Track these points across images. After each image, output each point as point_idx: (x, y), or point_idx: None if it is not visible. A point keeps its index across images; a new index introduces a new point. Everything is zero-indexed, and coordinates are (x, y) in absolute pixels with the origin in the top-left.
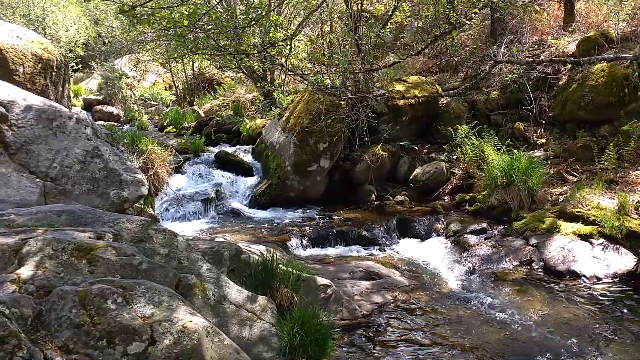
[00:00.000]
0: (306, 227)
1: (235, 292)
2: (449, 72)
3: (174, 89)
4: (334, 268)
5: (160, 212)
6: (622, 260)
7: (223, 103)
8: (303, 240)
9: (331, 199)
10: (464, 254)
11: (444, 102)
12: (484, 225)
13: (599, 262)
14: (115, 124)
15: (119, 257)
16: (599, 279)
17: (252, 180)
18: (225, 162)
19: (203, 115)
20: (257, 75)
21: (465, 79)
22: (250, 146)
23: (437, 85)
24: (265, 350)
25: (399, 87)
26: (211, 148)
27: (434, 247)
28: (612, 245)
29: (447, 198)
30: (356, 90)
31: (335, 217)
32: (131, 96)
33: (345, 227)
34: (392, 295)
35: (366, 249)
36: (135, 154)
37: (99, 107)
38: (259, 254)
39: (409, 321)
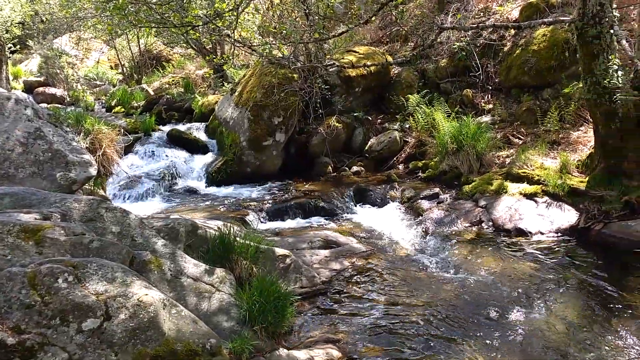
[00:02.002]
0: (264, 202)
1: (192, 266)
2: (399, 42)
3: (120, 68)
4: (292, 239)
5: (114, 193)
6: (565, 216)
7: (173, 80)
8: (261, 215)
9: (288, 173)
10: (418, 219)
11: (395, 72)
12: (437, 190)
13: (543, 219)
14: (59, 106)
15: (68, 236)
16: (543, 234)
17: (207, 158)
18: (178, 141)
19: (152, 93)
20: (207, 50)
21: (415, 48)
22: (204, 123)
23: (387, 55)
24: (225, 319)
25: (350, 57)
26: (162, 127)
27: (389, 213)
28: (555, 202)
29: (401, 166)
30: (307, 62)
31: (293, 190)
32: (73, 75)
33: (303, 199)
34: (350, 262)
35: (324, 220)
36: (81, 134)
37: (41, 89)
38: (216, 229)
39: (367, 284)
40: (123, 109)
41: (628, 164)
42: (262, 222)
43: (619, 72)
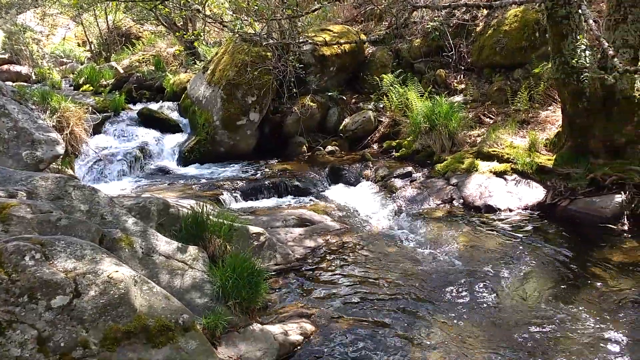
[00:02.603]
0: (238, 181)
1: (165, 244)
2: (373, 21)
3: (88, 45)
4: (267, 218)
5: (83, 173)
6: (533, 193)
7: (143, 58)
8: (235, 194)
9: (263, 153)
10: (392, 197)
11: (370, 51)
12: (410, 169)
13: (512, 196)
14: (25, 84)
15: (35, 214)
16: (512, 211)
17: (179, 137)
18: (150, 120)
19: (122, 71)
20: (178, 26)
21: (389, 27)
22: (175, 102)
23: (362, 35)
24: (198, 296)
25: (325, 36)
26: (133, 106)
27: (363, 192)
28: (524, 180)
29: (375, 146)
30: (281, 39)
31: (268, 170)
32: (39, 52)
33: (277, 178)
34: (324, 239)
35: (299, 199)
36: (47, 112)
37: (5, 66)
38: (189, 207)
39: (340, 261)
40: (91, 88)
41: (594, 142)
42: (236, 201)
43: (587, 52)
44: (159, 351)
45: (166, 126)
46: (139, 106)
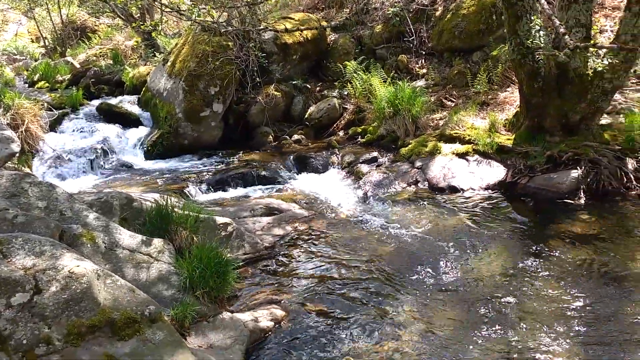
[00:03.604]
0: (204, 173)
1: (128, 238)
2: (334, 8)
3: (42, 41)
4: (234, 208)
5: (43, 171)
6: (494, 172)
7: (100, 52)
8: (201, 186)
9: (228, 144)
10: (358, 182)
11: (332, 38)
12: (375, 154)
13: (474, 176)
14: None
15: None
16: (474, 190)
17: (141, 132)
18: (110, 115)
19: (78, 66)
20: (134, 18)
21: (351, 14)
22: (136, 96)
23: (323, 22)
24: (165, 288)
25: (286, 24)
26: (91, 101)
27: (331, 179)
28: (485, 160)
29: (341, 133)
30: (242, 29)
31: (234, 161)
32: None
33: (244, 169)
34: (292, 227)
35: (267, 188)
36: (1, 110)
37: None
38: (153, 201)
39: (309, 247)
40: (47, 84)
41: (550, 121)
42: (202, 193)
43: (541, 32)
44: (125, 344)
45: (127, 121)
46: (97, 101)
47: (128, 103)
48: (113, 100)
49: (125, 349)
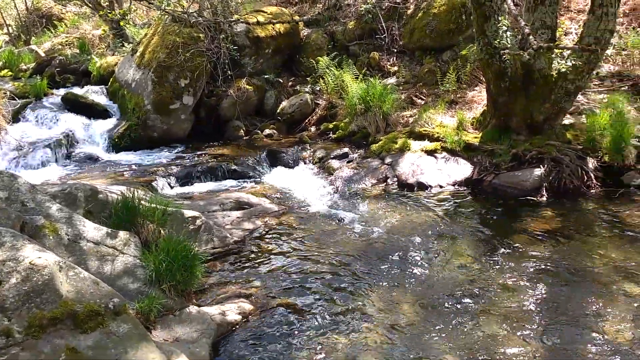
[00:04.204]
0: (173, 167)
1: (93, 230)
2: (308, 3)
3: (5, 28)
4: (203, 202)
5: (4, 162)
6: (461, 169)
7: (67, 41)
8: (170, 179)
9: (199, 137)
10: (329, 178)
11: (305, 33)
12: (346, 150)
13: (442, 173)
14: None
15: None
16: (442, 187)
17: (108, 123)
18: (75, 105)
19: (43, 55)
20: (102, 6)
21: (324, 9)
22: (103, 86)
23: (296, 16)
24: (131, 281)
25: (259, 18)
26: (56, 91)
27: (302, 174)
28: (453, 157)
29: (313, 128)
30: (213, 19)
31: (204, 155)
32: None
33: (214, 163)
34: (262, 221)
35: (237, 182)
36: None
37: None
38: (119, 193)
39: (279, 241)
40: (10, 73)
41: (516, 120)
42: (171, 187)
43: (508, 33)
44: (88, 336)
45: (94, 111)
46: (63, 91)
47: (95, 93)
48: (79, 91)
49: (88, 342)
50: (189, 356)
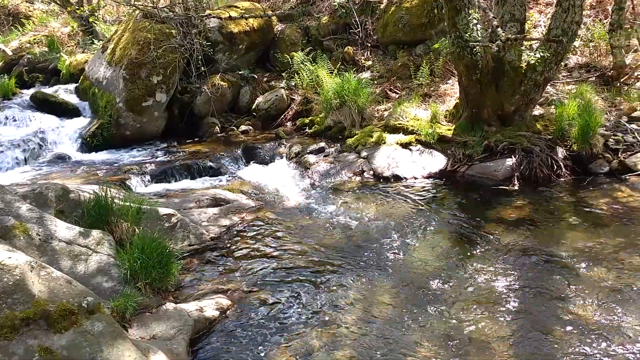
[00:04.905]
0: (147, 165)
1: (65, 230)
2: None
3: None
4: (179, 200)
5: None
6: (435, 161)
7: (35, 39)
8: (144, 178)
9: (173, 134)
10: (306, 173)
11: (279, 28)
12: (322, 144)
13: (416, 165)
14: None
15: None
16: (417, 179)
17: (80, 122)
18: (45, 104)
19: (10, 53)
20: (71, 3)
21: (297, 4)
22: (73, 85)
23: (270, 11)
24: (105, 280)
25: (232, 13)
26: (25, 90)
27: (278, 169)
28: (427, 149)
29: (289, 124)
30: (185, 15)
31: (179, 152)
32: None
33: (189, 160)
34: (239, 217)
35: (213, 179)
36: None
37: None
38: (92, 192)
39: (256, 237)
40: None
41: (487, 112)
42: (145, 185)
43: (478, 26)
44: (62, 336)
45: (64, 110)
46: (31, 90)
47: (65, 92)
48: (49, 89)
49: (62, 341)
50: (166, 353)
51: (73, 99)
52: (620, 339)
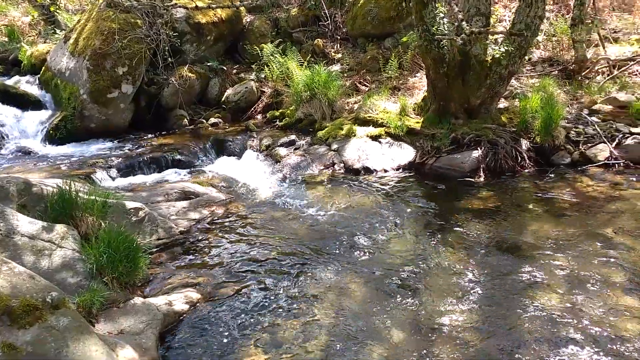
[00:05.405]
0: (113, 158)
1: (27, 224)
2: None
3: None
4: (147, 193)
5: None
6: (404, 153)
7: None
8: (110, 171)
9: (140, 127)
10: (277, 165)
11: (248, 20)
12: (293, 137)
13: (386, 157)
14: None
15: None
16: (387, 171)
17: (42, 114)
18: (5, 96)
19: None
20: None
21: None
22: (35, 76)
23: (238, 2)
24: (70, 275)
25: (198, 3)
26: None
27: (249, 162)
28: (396, 142)
29: (259, 116)
30: (150, 4)
31: (147, 145)
32: None
33: (157, 153)
34: (209, 210)
35: (182, 172)
36: None
37: None
38: (55, 186)
39: (226, 230)
40: None
41: (454, 105)
42: (112, 179)
43: (445, 20)
44: (26, 332)
45: (26, 102)
46: None
47: (26, 83)
48: (9, 81)
49: (27, 337)
50: (134, 348)
51: (35, 91)
52: (581, 324)
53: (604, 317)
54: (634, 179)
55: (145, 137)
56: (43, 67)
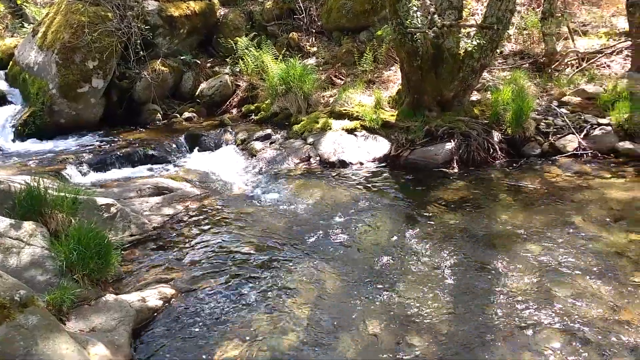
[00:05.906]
0: (84, 154)
1: None
2: None
3: None
4: (119, 189)
5: None
6: (379, 146)
7: None
8: (81, 167)
9: (112, 122)
10: (252, 159)
11: (222, 13)
12: (269, 131)
13: (362, 150)
14: None
15: None
16: (362, 164)
17: (10, 110)
18: None
19: None
20: None
21: None
22: (2, 71)
23: None
24: (40, 273)
25: None
26: None
27: (224, 157)
28: (371, 135)
29: (234, 110)
30: None
31: (119, 140)
32: None
33: (130, 148)
34: (183, 206)
35: (156, 167)
36: None
37: None
38: (23, 183)
39: (201, 225)
40: None
41: (428, 98)
42: (83, 175)
43: (418, 13)
44: None
45: None
46: None
47: None
48: None
49: None
50: (106, 345)
51: (2, 86)
52: (551, 310)
53: (572, 302)
54: (601, 168)
55: (117, 132)
56: (11, 62)
